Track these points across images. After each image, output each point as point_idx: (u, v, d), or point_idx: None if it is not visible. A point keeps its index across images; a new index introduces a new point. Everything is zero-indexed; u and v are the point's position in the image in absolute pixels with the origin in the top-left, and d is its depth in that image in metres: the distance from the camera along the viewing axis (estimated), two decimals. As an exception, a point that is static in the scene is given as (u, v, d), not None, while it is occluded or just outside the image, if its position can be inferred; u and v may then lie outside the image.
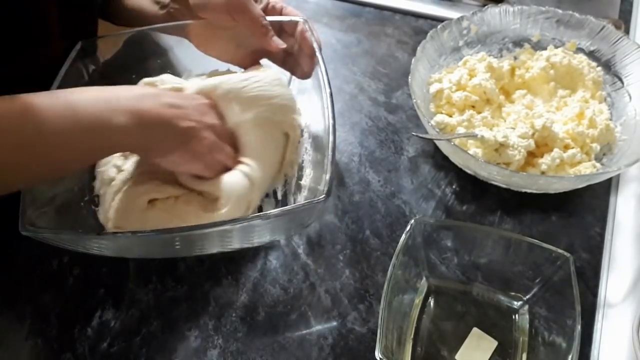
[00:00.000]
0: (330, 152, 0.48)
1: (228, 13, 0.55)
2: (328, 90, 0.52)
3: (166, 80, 0.55)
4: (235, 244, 0.54)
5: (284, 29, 0.58)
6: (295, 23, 0.58)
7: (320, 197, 0.45)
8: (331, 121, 0.50)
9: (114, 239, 0.48)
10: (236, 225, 0.46)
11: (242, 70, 0.60)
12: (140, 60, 0.63)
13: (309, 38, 0.56)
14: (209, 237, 0.49)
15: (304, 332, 0.51)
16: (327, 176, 0.46)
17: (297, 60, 0.58)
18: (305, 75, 0.58)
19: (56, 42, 0.59)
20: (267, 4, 0.60)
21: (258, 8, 0.55)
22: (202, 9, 0.56)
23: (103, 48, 0.61)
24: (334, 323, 0.52)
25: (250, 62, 0.60)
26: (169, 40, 0.64)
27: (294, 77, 0.61)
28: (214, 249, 0.54)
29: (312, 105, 0.56)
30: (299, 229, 0.57)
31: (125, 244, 0.49)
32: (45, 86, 0.52)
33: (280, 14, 0.60)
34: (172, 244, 0.50)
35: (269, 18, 0.56)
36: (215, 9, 0.55)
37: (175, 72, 0.65)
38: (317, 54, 0.55)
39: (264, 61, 0.61)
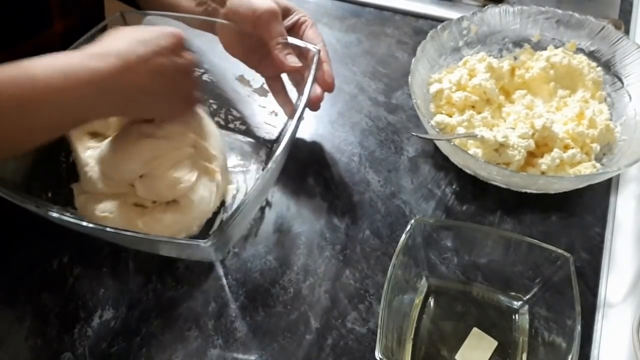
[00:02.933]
0: (247, 197, 0.45)
1: (253, 24, 0.56)
2: (291, 130, 0.49)
3: None
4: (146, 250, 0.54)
5: (302, 52, 0.59)
6: (308, 50, 0.58)
7: (200, 240, 0.42)
8: (271, 165, 0.47)
9: (60, 220, 0.46)
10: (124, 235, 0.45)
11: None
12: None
13: (312, 70, 0.56)
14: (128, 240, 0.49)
15: (304, 332, 0.51)
16: (222, 218, 0.44)
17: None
18: (309, 106, 0.59)
19: (57, 22, 0.59)
20: (298, 20, 0.60)
21: (282, 26, 0.57)
22: (233, 14, 0.58)
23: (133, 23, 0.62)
24: (334, 323, 0.52)
25: (270, 73, 0.62)
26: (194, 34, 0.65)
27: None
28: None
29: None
30: (205, 259, 0.56)
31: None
32: None
33: (302, 36, 0.60)
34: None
35: (290, 39, 0.57)
36: (243, 18, 0.57)
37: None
38: (307, 87, 0.54)
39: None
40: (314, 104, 0.60)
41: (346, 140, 0.67)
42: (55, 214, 0.45)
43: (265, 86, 0.65)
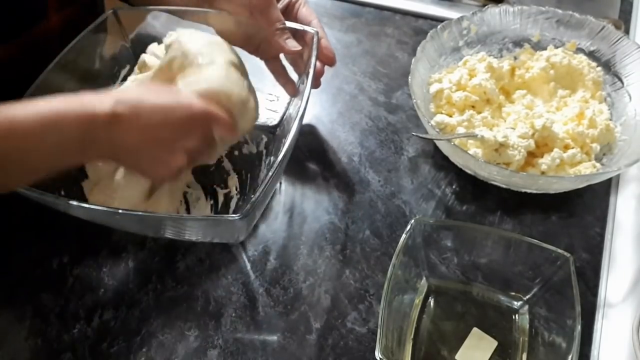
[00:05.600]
0: (271, 173, 0.46)
1: (249, 11, 0.56)
2: (299, 117, 0.50)
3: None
4: (168, 234, 0.55)
5: (298, 33, 0.59)
6: (306, 32, 0.58)
7: (233, 215, 0.44)
8: (287, 145, 0.48)
9: (72, 208, 0.47)
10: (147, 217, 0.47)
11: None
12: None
13: (313, 52, 0.56)
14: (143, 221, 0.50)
15: (304, 332, 0.51)
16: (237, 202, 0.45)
17: (305, 66, 0.59)
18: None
19: (53, 15, 0.59)
20: (290, 2, 0.61)
21: (278, 11, 0.57)
22: (227, 3, 0.58)
23: (128, 21, 0.62)
24: (334, 323, 0.52)
25: (269, 55, 0.61)
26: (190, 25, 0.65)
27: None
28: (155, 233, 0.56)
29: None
30: (225, 239, 0.57)
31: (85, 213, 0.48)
32: (42, 65, 0.52)
33: (296, 15, 0.60)
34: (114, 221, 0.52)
35: (287, 24, 0.58)
36: (238, 6, 0.57)
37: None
38: (311, 69, 0.54)
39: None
40: (315, 80, 0.61)
41: (346, 140, 0.67)
42: (85, 205, 0.46)
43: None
